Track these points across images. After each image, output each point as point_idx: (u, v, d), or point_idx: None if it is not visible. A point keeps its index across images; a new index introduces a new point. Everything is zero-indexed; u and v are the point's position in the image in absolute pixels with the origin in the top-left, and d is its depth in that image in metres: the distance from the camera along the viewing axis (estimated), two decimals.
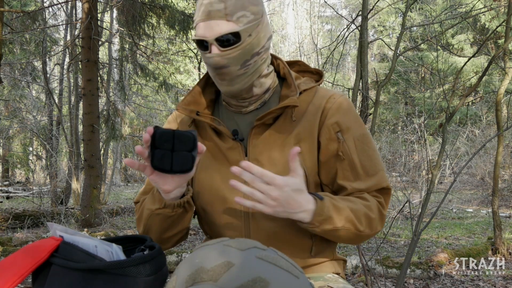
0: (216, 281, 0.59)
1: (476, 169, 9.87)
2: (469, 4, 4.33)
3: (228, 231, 1.00)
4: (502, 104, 4.26)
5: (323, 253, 1.04)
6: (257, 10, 0.93)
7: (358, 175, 0.97)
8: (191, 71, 16.26)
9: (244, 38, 0.91)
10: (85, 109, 6.08)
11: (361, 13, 2.84)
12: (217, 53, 0.91)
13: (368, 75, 2.94)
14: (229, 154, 1.00)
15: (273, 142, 0.99)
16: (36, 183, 10.62)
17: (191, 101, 1.04)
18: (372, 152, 0.99)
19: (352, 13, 15.46)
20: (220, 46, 0.91)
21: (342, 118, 0.99)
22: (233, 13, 0.89)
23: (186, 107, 1.03)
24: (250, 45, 0.93)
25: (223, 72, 0.93)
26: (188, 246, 4.81)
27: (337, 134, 0.98)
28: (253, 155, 0.99)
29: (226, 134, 1.00)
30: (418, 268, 3.42)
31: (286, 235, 0.98)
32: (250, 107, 1.02)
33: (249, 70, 0.95)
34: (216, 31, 0.89)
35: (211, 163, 1.02)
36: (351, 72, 19.69)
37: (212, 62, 0.92)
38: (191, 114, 1.02)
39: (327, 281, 0.99)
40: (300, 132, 0.99)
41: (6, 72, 9.54)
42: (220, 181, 1.00)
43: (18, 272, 0.71)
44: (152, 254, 0.79)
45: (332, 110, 0.99)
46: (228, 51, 0.91)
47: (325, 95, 1.03)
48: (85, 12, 5.96)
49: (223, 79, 0.95)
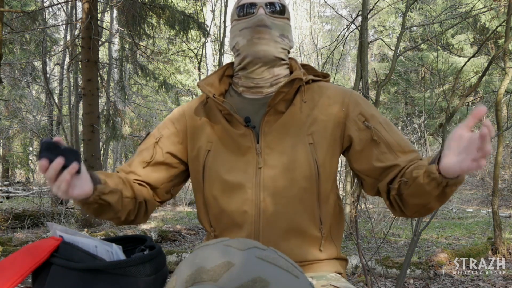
0: (216, 281, 0.59)
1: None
2: (469, 4, 4.33)
3: (237, 219, 0.99)
4: (502, 104, 4.26)
5: (330, 249, 1.05)
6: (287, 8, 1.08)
7: (397, 152, 0.99)
8: (191, 71, 16.25)
9: (287, 14, 1.05)
10: (85, 109, 6.08)
11: (361, 13, 2.84)
12: (264, 14, 1.00)
13: (368, 75, 2.94)
14: (241, 140, 1.00)
15: (285, 132, 1.01)
16: (36, 183, 10.62)
17: (211, 83, 1.08)
18: (398, 131, 1.03)
19: (352, 13, 15.45)
20: (269, 10, 1.01)
21: (363, 108, 1.03)
22: None
23: (206, 86, 1.06)
24: (288, 26, 1.05)
25: (265, 30, 1.00)
26: (188, 246, 4.81)
27: (364, 123, 1.01)
28: (265, 143, 1.00)
29: (238, 121, 1.01)
30: (418, 268, 3.42)
31: (296, 225, 0.98)
32: (269, 89, 1.05)
33: (282, 43, 1.03)
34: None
35: (221, 150, 1.03)
36: (351, 72, 19.68)
37: (256, 20, 1.00)
38: (209, 93, 1.04)
39: (329, 280, 0.99)
40: (313, 124, 1.01)
41: (6, 72, 9.54)
42: (231, 169, 1.00)
43: (18, 272, 0.71)
44: (152, 254, 0.79)
45: (352, 103, 1.03)
46: (274, 16, 1.02)
47: (340, 90, 1.07)
48: (85, 12, 5.95)
49: (263, 38, 1.00)
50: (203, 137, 1.05)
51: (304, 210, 0.99)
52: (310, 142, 1.00)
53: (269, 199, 0.98)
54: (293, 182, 0.98)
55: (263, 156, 1.00)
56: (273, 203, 0.97)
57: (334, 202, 1.07)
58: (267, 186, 0.98)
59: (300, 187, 0.98)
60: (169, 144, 1.07)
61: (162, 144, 1.07)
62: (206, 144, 1.04)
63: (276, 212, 0.97)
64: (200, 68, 7.98)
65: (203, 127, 1.07)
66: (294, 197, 0.98)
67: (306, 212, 0.99)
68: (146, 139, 1.11)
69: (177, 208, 8.02)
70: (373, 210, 5.89)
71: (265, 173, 0.99)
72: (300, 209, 0.99)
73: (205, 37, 7.74)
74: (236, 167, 1.00)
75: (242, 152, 1.00)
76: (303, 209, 0.99)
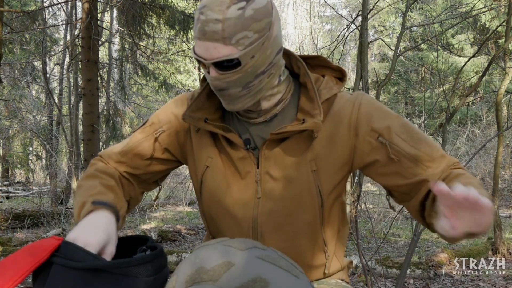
0: (216, 281, 0.59)
1: (476, 169, 9.86)
2: (469, 4, 4.33)
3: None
4: (502, 104, 4.26)
5: (334, 266, 1.01)
6: (261, 27, 0.80)
7: (426, 162, 0.85)
8: (191, 71, 16.25)
9: (245, 61, 0.81)
10: (85, 109, 6.07)
11: (361, 13, 2.84)
12: (215, 76, 0.82)
13: (368, 75, 2.94)
14: (240, 164, 0.92)
15: (288, 157, 0.90)
16: (36, 183, 10.62)
17: (199, 107, 0.94)
18: (422, 136, 0.88)
19: (352, 13, 15.44)
20: (219, 69, 0.82)
21: (376, 122, 0.88)
22: (231, 35, 0.78)
23: (193, 115, 0.93)
24: (253, 67, 0.82)
25: (223, 93, 0.86)
26: (188, 246, 4.81)
27: (378, 140, 0.88)
28: (265, 168, 0.91)
29: (237, 144, 0.92)
30: (418, 268, 3.42)
31: (297, 254, 0.92)
32: (259, 118, 0.93)
33: (252, 90, 0.85)
34: (213, 55, 0.79)
35: (220, 170, 0.94)
36: (351, 72, 19.66)
37: (211, 84, 0.85)
38: (199, 123, 0.92)
39: (330, 285, 0.97)
40: (318, 148, 0.89)
41: (6, 72, 9.53)
42: (230, 194, 0.93)
43: (18, 271, 0.71)
44: (153, 254, 0.79)
45: (361, 118, 0.89)
46: (227, 75, 0.82)
47: (344, 103, 0.91)
48: (85, 12, 5.95)
49: (225, 99, 0.88)
50: (204, 148, 0.96)
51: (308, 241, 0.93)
52: (314, 169, 0.89)
53: (267, 235, 0.92)
54: (293, 216, 0.91)
55: (262, 184, 0.91)
56: (272, 238, 0.92)
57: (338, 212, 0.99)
58: (265, 222, 0.92)
59: (302, 222, 0.92)
60: (169, 142, 1.00)
61: (162, 140, 0.99)
62: (206, 158, 0.95)
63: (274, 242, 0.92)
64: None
65: (205, 136, 0.97)
66: (294, 233, 0.92)
67: (310, 242, 0.94)
68: (145, 127, 1.02)
69: (177, 208, 8.02)
70: (373, 210, 5.89)
71: (264, 206, 0.91)
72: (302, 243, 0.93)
73: None
74: (234, 192, 0.93)
75: (241, 175, 0.93)
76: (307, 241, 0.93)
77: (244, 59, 0.80)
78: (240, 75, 0.82)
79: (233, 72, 0.81)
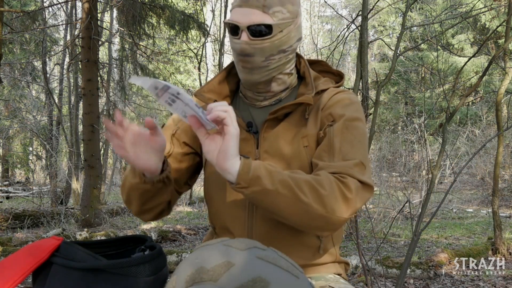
0: (216, 281, 0.59)
1: (476, 169, 9.86)
2: (469, 4, 4.33)
3: (232, 222, 1.01)
4: (502, 104, 4.26)
5: (330, 252, 1.04)
6: (293, 10, 0.95)
7: (333, 156, 0.92)
8: (191, 71, 16.26)
9: (275, 32, 0.93)
10: (85, 109, 6.08)
11: (361, 13, 2.84)
12: (245, 41, 0.93)
13: (368, 75, 2.94)
14: (242, 145, 1.00)
15: (283, 137, 1.00)
16: (36, 183, 10.62)
17: (211, 89, 1.06)
18: (356, 142, 0.94)
19: (352, 13, 15.45)
20: (251, 34, 0.92)
21: (337, 109, 0.98)
22: (270, 6, 0.92)
23: (205, 94, 1.05)
24: (279, 41, 0.94)
25: (247, 60, 0.95)
26: (188, 246, 4.81)
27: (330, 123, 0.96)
28: (263, 148, 1.00)
29: (240, 125, 0.99)
30: (418, 268, 3.42)
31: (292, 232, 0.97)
32: (264, 102, 1.04)
33: (271, 64, 0.97)
34: (251, 19, 0.91)
35: None
36: (351, 72, 19.66)
37: (238, 48, 0.94)
38: (208, 101, 1.02)
39: (328, 281, 0.99)
40: (307, 128, 1.00)
41: (6, 72, 9.54)
42: None
43: (19, 271, 0.71)
44: (152, 254, 0.79)
45: (329, 103, 1.00)
46: (257, 41, 0.93)
47: (332, 92, 1.03)
48: (85, 12, 5.95)
49: (245, 67, 0.96)
50: None
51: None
52: (305, 145, 0.99)
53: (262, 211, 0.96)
54: None
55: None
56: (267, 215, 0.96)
57: None
58: None
59: None
60: (185, 136, 1.07)
61: (179, 136, 1.07)
62: None
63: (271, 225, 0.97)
64: (200, 68, 7.99)
65: None
66: None
67: None
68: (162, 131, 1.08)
69: (177, 208, 8.02)
70: (373, 210, 5.89)
71: None
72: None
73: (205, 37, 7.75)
74: None
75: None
76: None
77: (275, 29, 0.93)
78: (267, 44, 0.93)
79: (263, 39, 0.93)
